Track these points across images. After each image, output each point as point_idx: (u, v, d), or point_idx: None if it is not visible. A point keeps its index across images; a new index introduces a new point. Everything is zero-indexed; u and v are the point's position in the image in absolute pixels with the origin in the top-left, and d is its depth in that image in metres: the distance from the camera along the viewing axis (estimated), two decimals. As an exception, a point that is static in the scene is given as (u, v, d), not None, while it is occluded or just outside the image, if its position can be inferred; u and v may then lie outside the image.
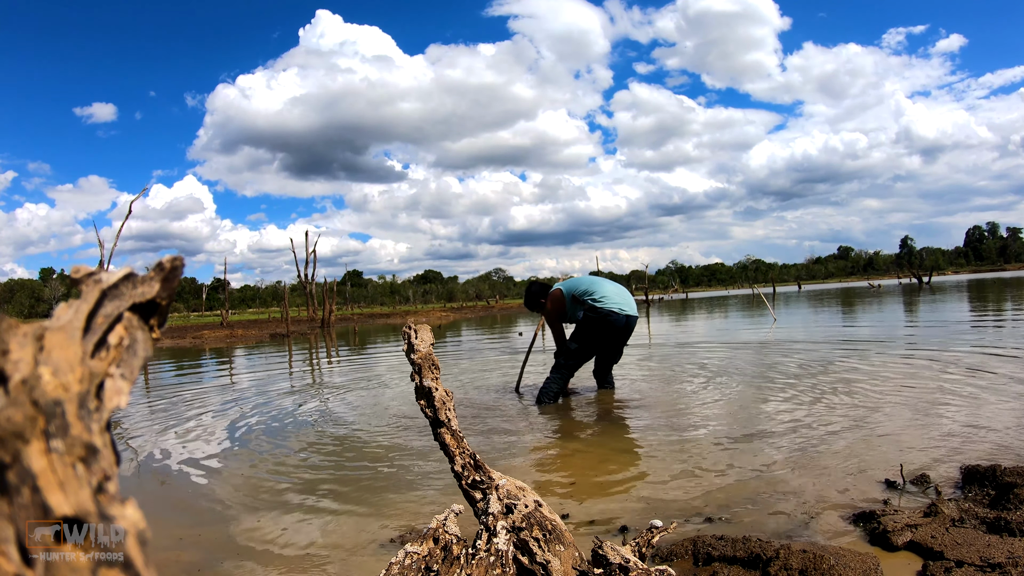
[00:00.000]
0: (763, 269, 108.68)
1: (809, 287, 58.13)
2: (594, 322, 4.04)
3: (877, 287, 33.92)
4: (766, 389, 4.00)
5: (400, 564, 1.12)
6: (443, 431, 1.50)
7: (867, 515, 1.77)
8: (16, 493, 0.29)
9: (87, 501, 0.30)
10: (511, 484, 1.34)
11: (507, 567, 1.12)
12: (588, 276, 4.45)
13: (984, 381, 3.75)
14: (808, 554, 1.49)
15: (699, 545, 1.63)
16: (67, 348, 0.34)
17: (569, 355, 4.08)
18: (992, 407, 3.06)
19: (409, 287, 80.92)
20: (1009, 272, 64.09)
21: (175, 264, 0.41)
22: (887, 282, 53.40)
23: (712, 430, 3.00)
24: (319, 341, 14.14)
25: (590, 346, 4.11)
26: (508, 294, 75.48)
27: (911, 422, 2.89)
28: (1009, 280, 29.93)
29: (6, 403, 0.31)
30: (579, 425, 3.39)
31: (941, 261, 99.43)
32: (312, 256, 27.21)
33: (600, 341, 4.13)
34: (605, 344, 4.18)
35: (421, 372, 1.60)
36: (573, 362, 4.10)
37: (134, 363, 0.37)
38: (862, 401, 3.41)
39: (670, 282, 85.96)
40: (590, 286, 4.18)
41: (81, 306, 0.37)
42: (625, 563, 1.19)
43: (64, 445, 0.31)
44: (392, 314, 32.04)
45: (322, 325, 21.81)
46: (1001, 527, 1.62)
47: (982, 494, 1.90)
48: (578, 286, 4.21)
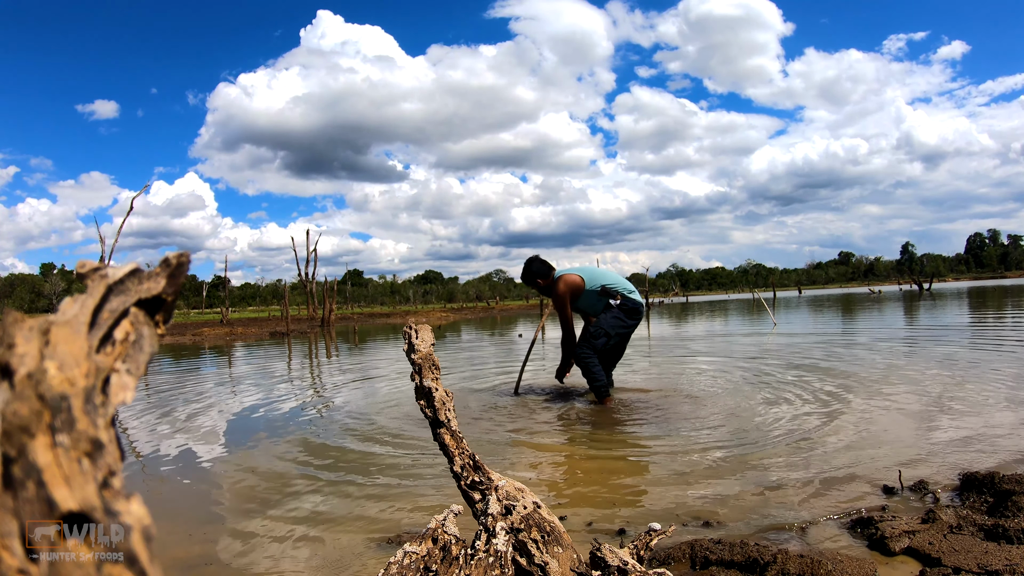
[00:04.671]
0: (763, 273, 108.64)
1: (809, 292, 58.13)
2: (630, 312, 4.09)
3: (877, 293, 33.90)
4: (765, 393, 3.99)
5: (399, 564, 1.12)
6: (443, 431, 1.50)
7: (865, 520, 1.77)
8: (21, 487, 0.29)
9: (92, 496, 0.30)
10: (510, 485, 1.33)
11: (506, 568, 1.12)
12: (597, 267, 4.48)
13: (983, 387, 3.74)
14: (805, 559, 1.49)
15: (696, 549, 1.63)
16: (73, 343, 0.34)
17: (601, 338, 4.06)
18: (991, 414, 3.06)
19: (409, 287, 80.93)
20: (1010, 280, 64.07)
21: (181, 260, 0.41)
22: (888, 288, 53.40)
23: (710, 433, 2.99)
24: (319, 340, 14.13)
25: (621, 335, 4.13)
26: (508, 295, 75.42)
27: (910, 428, 2.89)
28: (1010, 288, 29.93)
29: (12, 397, 0.31)
30: (578, 426, 3.39)
31: (942, 268, 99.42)
32: (313, 255, 27.19)
33: (624, 334, 4.17)
34: (624, 338, 4.23)
35: (421, 372, 1.60)
36: (607, 343, 4.08)
37: (140, 359, 0.37)
38: (861, 406, 3.41)
39: (670, 285, 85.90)
40: (616, 278, 4.23)
41: (87, 301, 0.37)
42: (623, 566, 1.19)
43: (70, 440, 0.31)
44: (392, 314, 32.03)
45: (322, 324, 21.80)
46: (999, 534, 1.62)
47: (980, 501, 1.90)
48: (604, 276, 4.21)
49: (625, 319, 4.10)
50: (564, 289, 4.15)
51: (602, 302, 4.15)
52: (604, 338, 4.05)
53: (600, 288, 4.16)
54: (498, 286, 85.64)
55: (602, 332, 4.05)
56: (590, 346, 4.01)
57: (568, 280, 4.16)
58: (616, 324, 4.07)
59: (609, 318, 4.09)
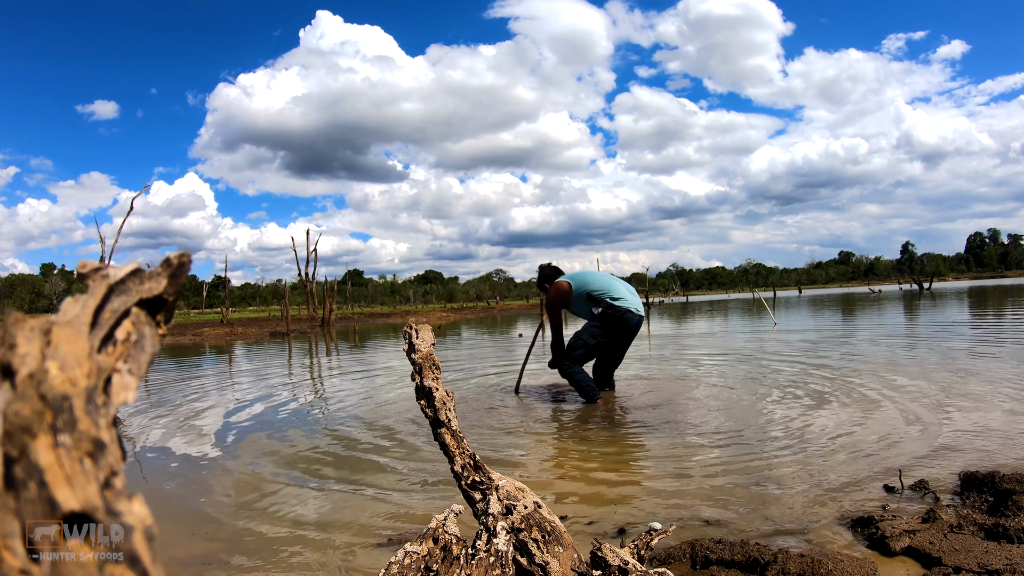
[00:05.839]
0: (764, 273, 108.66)
1: (810, 292, 58.12)
2: (612, 320, 4.09)
3: (878, 292, 33.90)
4: (765, 392, 3.99)
5: (399, 563, 1.12)
6: (443, 431, 1.50)
7: (865, 520, 1.77)
8: (23, 488, 0.29)
9: (94, 496, 0.30)
10: (511, 485, 1.33)
11: (507, 568, 1.12)
12: (596, 272, 4.48)
13: (983, 386, 3.74)
14: (806, 558, 1.49)
15: (697, 548, 1.63)
16: (74, 343, 0.34)
17: (579, 349, 4.10)
18: (991, 413, 3.06)
19: (409, 287, 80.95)
20: (1010, 279, 64.05)
21: (183, 260, 0.41)
22: (888, 287, 53.39)
23: (711, 433, 2.99)
24: (319, 340, 14.13)
25: (602, 343, 4.14)
26: (508, 295, 75.42)
27: (910, 427, 2.89)
28: (1010, 287, 29.91)
29: (13, 397, 0.31)
30: (579, 427, 3.39)
31: (942, 267, 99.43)
32: (313, 255, 27.19)
33: (612, 339, 4.17)
34: (615, 343, 4.22)
35: (422, 372, 1.60)
36: (585, 354, 4.12)
37: (141, 358, 0.37)
38: (861, 405, 3.41)
39: (671, 285, 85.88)
40: (605, 284, 4.22)
41: (88, 301, 0.37)
42: (624, 565, 1.19)
43: (71, 440, 0.31)
44: (392, 314, 32.05)
45: (322, 324, 21.80)
46: (999, 534, 1.62)
47: (980, 500, 1.90)
48: (591, 283, 4.23)
49: (604, 328, 4.11)
50: (552, 295, 4.36)
51: (589, 308, 4.20)
52: (582, 349, 4.10)
53: (586, 295, 4.19)
54: (498, 286, 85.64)
55: (580, 343, 4.12)
56: (569, 358, 4.11)
57: (556, 287, 4.34)
58: (595, 334, 4.12)
59: (589, 327, 4.16)
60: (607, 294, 4.13)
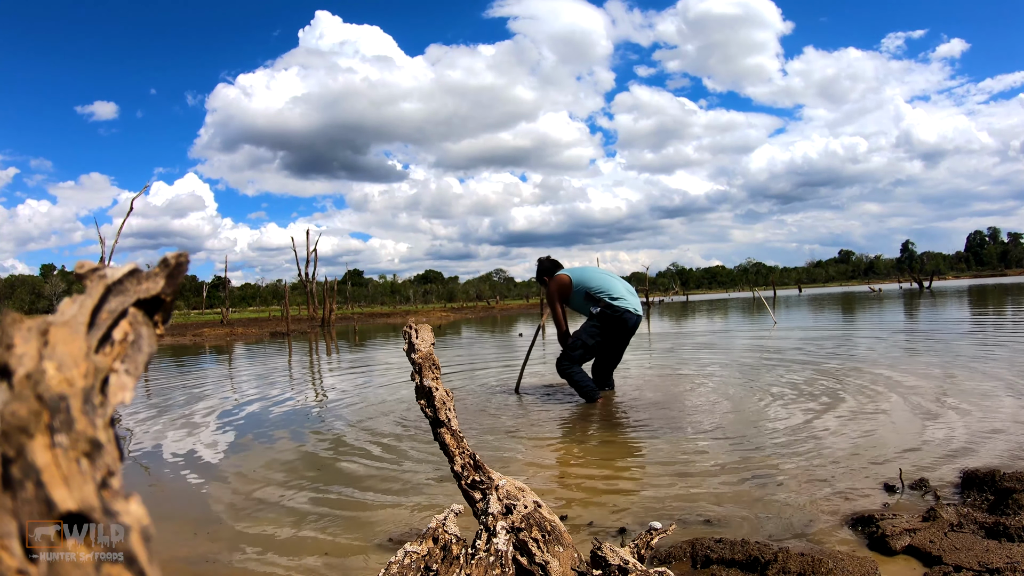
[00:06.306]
0: (764, 272, 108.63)
1: (810, 291, 58.09)
2: (611, 320, 4.10)
3: (878, 291, 33.91)
4: (765, 392, 3.99)
5: (399, 563, 1.12)
6: (443, 431, 1.50)
7: (866, 519, 1.77)
8: (20, 488, 0.29)
9: (91, 496, 0.30)
10: (511, 484, 1.33)
11: (507, 567, 1.12)
12: (596, 269, 4.47)
13: (984, 385, 3.74)
14: (806, 557, 1.49)
15: (697, 547, 1.63)
16: (71, 343, 0.34)
17: (577, 349, 4.11)
18: (992, 411, 3.06)
19: (409, 287, 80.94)
20: (1010, 278, 64.02)
21: (180, 260, 0.41)
22: (888, 286, 53.39)
23: (711, 432, 2.99)
24: (319, 340, 14.13)
25: (600, 343, 4.15)
26: (508, 295, 75.41)
27: (911, 425, 2.89)
28: (1010, 286, 29.89)
29: (10, 397, 0.31)
30: (579, 426, 3.39)
31: (942, 266, 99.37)
32: (313, 255, 27.19)
33: (610, 339, 4.17)
34: (613, 343, 4.22)
35: (421, 372, 1.60)
36: (584, 354, 4.13)
37: (138, 359, 0.37)
38: (861, 404, 3.40)
39: (671, 284, 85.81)
40: (604, 283, 4.22)
41: (86, 301, 0.37)
42: (624, 564, 1.19)
43: (68, 440, 0.31)
44: (392, 314, 32.05)
45: (322, 324, 21.80)
46: (1000, 532, 1.62)
47: (981, 499, 1.90)
48: (590, 280, 4.23)
49: (602, 328, 4.11)
50: (553, 288, 4.34)
51: (587, 306, 4.20)
52: (581, 350, 4.11)
53: (585, 292, 4.19)
54: (498, 285, 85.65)
55: (579, 343, 4.13)
56: (568, 359, 4.12)
57: (557, 279, 4.33)
58: (594, 333, 4.12)
59: (587, 326, 4.17)
60: (606, 293, 4.13)
